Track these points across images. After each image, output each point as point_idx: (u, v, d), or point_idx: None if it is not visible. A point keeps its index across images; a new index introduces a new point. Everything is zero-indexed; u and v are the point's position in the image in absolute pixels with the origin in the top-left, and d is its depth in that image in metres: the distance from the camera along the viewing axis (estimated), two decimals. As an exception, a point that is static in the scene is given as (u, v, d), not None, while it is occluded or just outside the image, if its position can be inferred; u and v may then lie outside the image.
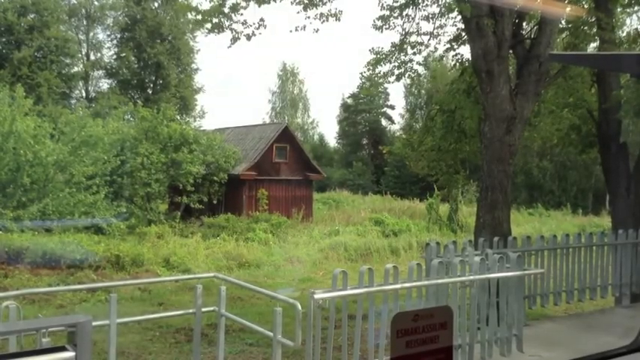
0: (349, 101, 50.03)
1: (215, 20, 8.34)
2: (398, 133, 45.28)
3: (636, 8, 11.26)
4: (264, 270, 15.33)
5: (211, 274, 6.46)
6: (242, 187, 23.85)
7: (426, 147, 12.75)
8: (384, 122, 50.48)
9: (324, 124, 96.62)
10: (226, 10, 8.23)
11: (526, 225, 22.43)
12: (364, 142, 49.67)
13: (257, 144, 25.35)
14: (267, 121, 46.99)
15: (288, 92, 53.13)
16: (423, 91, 47.52)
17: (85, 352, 1.67)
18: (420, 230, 21.44)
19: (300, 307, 4.40)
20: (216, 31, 8.39)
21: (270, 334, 4.64)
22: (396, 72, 10.78)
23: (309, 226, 22.63)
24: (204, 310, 5.49)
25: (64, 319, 1.82)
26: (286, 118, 48.70)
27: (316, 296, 4.39)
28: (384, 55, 10.48)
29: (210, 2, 8.33)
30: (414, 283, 5.14)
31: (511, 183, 8.70)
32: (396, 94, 70.27)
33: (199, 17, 8.44)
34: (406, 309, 4.98)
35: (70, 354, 1.66)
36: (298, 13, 8.85)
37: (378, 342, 4.85)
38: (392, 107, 50.23)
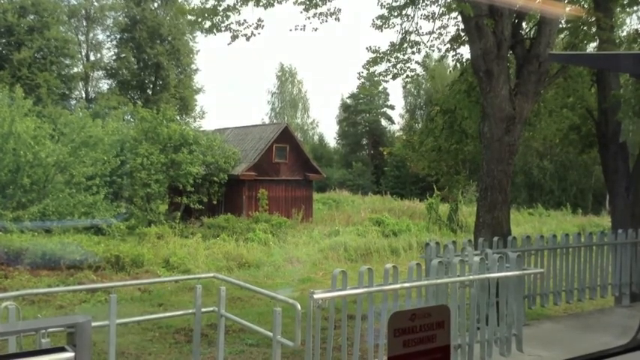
0: (349, 101, 50.06)
1: (214, 20, 8.34)
2: (398, 134, 45.35)
3: (636, 8, 11.26)
4: (264, 270, 15.32)
5: (211, 275, 6.45)
6: (242, 187, 23.85)
7: (427, 148, 12.74)
8: (383, 122, 50.59)
9: (324, 124, 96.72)
10: (221, 10, 8.22)
11: (526, 225, 22.42)
12: (364, 143, 49.71)
13: (257, 144, 25.34)
14: (267, 121, 47.06)
15: (287, 93, 53.13)
16: (422, 92, 47.59)
17: (85, 352, 1.67)
18: (419, 230, 21.43)
19: (299, 307, 4.40)
20: (214, 31, 8.39)
21: (270, 334, 4.65)
22: (393, 71, 10.78)
23: (309, 227, 22.61)
24: (204, 310, 5.49)
25: (64, 320, 1.82)
26: (286, 118, 48.70)
27: (316, 296, 4.39)
28: (381, 54, 10.47)
29: (206, 2, 8.32)
30: (414, 283, 5.13)
31: (511, 183, 8.69)
32: (396, 94, 70.37)
33: (197, 18, 8.43)
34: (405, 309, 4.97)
35: (70, 354, 1.65)
36: (301, 12, 8.86)
37: (377, 342, 4.85)
38: (392, 107, 50.34)
